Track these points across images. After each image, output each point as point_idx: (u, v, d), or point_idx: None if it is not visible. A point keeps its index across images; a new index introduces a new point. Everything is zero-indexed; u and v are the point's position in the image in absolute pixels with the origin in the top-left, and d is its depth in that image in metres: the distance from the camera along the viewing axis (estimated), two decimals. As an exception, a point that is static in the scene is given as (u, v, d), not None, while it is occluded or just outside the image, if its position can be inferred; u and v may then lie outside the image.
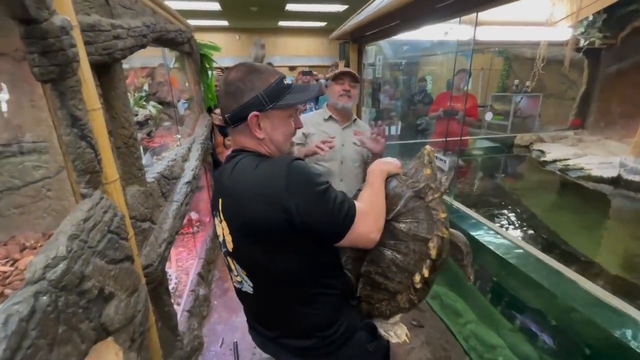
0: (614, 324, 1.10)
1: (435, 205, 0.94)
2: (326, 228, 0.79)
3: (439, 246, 0.91)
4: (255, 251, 0.85)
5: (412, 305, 1.00)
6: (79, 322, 0.78)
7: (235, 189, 0.83)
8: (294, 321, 0.94)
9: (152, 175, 1.55)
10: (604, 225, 2.31)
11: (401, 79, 5.00)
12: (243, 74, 0.83)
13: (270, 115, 0.85)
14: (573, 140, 3.62)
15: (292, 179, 0.76)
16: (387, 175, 0.99)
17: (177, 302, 2.15)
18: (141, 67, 2.97)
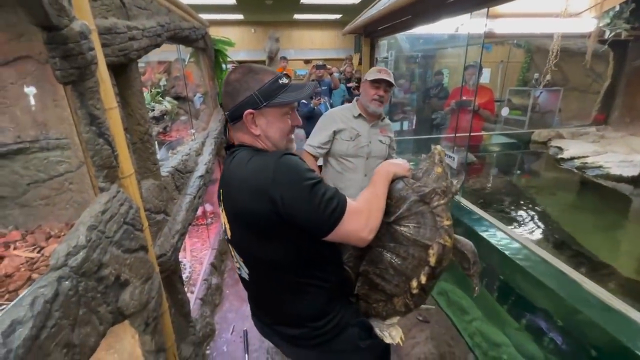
0: (618, 328, 1.09)
1: (440, 211, 0.91)
2: (311, 222, 0.81)
3: (440, 254, 0.89)
4: (248, 239, 0.91)
5: (408, 310, 1.00)
6: (97, 306, 0.85)
7: (231, 181, 0.89)
8: (285, 309, 0.99)
9: (167, 170, 1.62)
10: (621, 226, 2.24)
11: (417, 73, 4.91)
12: (240, 75, 0.89)
13: (265, 113, 0.89)
14: (595, 136, 3.49)
15: (279, 172, 0.79)
16: (393, 177, 0.98)
17: (191, 290, 2.25)
18: (158, 63, 3.05)
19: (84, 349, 0.78)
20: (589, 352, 1.29)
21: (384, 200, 0.93)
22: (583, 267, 1.78)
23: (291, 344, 1.05)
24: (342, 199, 0.83)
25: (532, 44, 6.43)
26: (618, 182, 2.50)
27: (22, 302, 0.65)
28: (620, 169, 2.53)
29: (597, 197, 2.69)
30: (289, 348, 1.08)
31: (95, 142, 0.94)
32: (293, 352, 1.09)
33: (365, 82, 1.73)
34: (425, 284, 0.92)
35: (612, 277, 1.69)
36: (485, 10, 1.76)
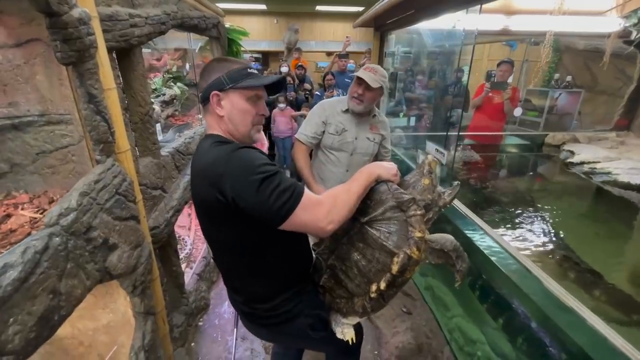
0: (586, 338, 1.10)
1: (414, 222, 0.89)
2: (260, 213, 0.82)
3: (404, 263, 0.87)
4: (204, 222, 0.98)
5: (365, 313, 0.99)
6: (85, 263, 0.96)
7: (193, 168, 0.96)
8: (241, 287, 1.06)
9: (167, 150, 1.74)
10: (622, 235, 2.17)
11: (427, 70, 4.82)
12: (215, 62, 0.98)
13: (230, 96, 0.93)
14: (613, 142, 3.34)
15: (230, 165, 0.82)
16: (378, 179, 0.98)
17: (191, 266, 2.39)
18: (174, 50, 3.19)
19: (70, 298, 0.89)
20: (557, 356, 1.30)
21: (356, 198, 0.91)
22: (571, 273, 1.77)
23: (245, 318, 1.13)
24: (297, 190, 0.84)
25: (561, 42, 6.14)
26: (625, 189, 2.40)
27: (15, 251, 0.77)
28: (629, 176, 2.43)
29: (600, 204, 2.60)
30: (244, 321, 1.17)
31: (92, 118, 1.05)
32: (248, 326, 1.17)
33: (354, 79, 1.70)
34: (384, 290, 0.90)
35: (598, 286, 1.67)
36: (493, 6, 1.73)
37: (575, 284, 1.71)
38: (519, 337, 1.53)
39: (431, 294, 2.09)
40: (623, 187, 2.44)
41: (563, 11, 1.35)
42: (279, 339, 1.20)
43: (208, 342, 1.96)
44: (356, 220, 1.00)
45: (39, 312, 0.78)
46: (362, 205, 0.97)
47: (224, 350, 1.90)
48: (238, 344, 1.93)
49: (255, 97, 0.96)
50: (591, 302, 1.60)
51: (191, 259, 2.49)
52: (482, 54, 7.50)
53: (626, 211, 2.38)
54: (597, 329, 1.03)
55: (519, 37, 5.42)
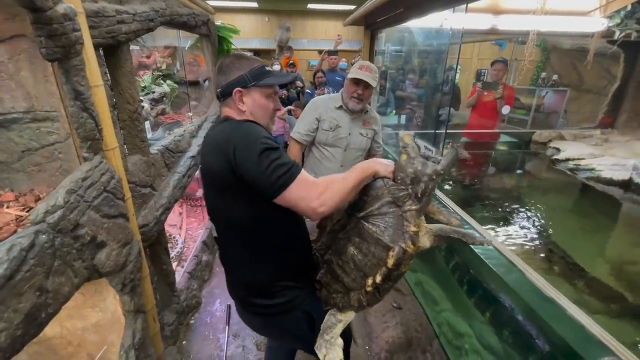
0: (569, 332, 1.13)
1: (409, 216, 0.91)
2: (257, 181, 0.85)
3: (399, 257, 0.88)
4: (211, 195, 1.01)
5: (361, 307, 1.00)
6: (72, 260, 0.96)
7: (205, 141, 1.02)
8: (240, 271, 1.06)
9: (157, 148, 1.73)
10: (605, 229, 2.23)
11: (416, 68, 4.85)
12: (234, 58, 1.03)
13: (252, 93, 1.00)
14: (598, 139, 3.42)
15: (236, 132, 0.90)
16: (375, 175, 1.00)
17: (182, 264, 2.38)
18: (164, 47, 3.15)
19: (57, 296, 0.89)
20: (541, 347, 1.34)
21: (351, 187, 0.93)
22: (556, 267, 1.81)
23: (240, 306, 1.13)
24: (295, 167, 0.88)
25: (549, 42, 6.25)
26: (608, 185, 2.47)
27: (0, 248, 0.76)
28: (611, 172, 2.50)
29: (585, 200, 2.67)
30: (239, 310, 1.17)
31: (79, 115, 1.04)
32: (242, 315, 1.17)
33: (348, 78, 1.74)
34: (380, 284, 0.92)
35: (581, 279, 1.71)
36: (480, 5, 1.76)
37: (560, 277, 1.75)
38: (505, 329, 1.57)
39: (421, 289, 2.12)
40: (606, 183, 2.51)
41: (545, 11, 1.38)
42: (270, 331, 1.19)
43: (199, 340, 1.96)
44: (353, 215, 1.02)
45: (26, 309, 0.77)
46: (359, 201, 1.00)
47: (215, 347, 1.90)
48: (230, 341, 1.94)
49: (273, 93, 1.04)
50: (575, 295, 1.65)
51: (182, 258, 2.48)
52: (472, 53, 7.60)
53: (609, 206, 2.45)
54: (578, 320, 1.07)
55: (507, 36, 5.50)
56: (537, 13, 1.35)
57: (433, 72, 4.23)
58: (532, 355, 1.37)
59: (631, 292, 1.61)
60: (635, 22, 3.07)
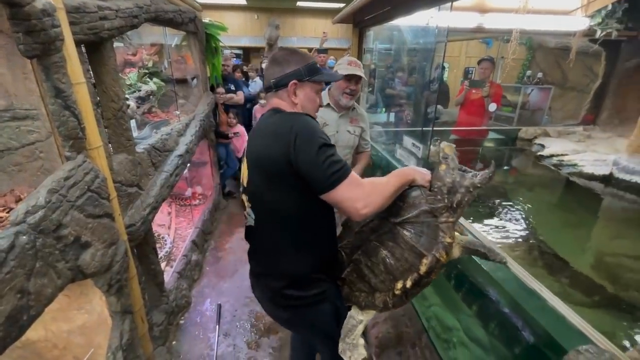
0: (551, 323, 1.16)
1: (445, 227, 0.94)
2: (312, 174, 0.88)
3: (432, 265, 0.91)
4: (260, 183, 1.00)
5: (386, 308, 1.03)
6: (55, 261, 0.94)
7: (260, 130, 1.04)
8: (277, 262, 1.06)
9: (143, 146, 1.70)
10: (587, 223, 2.29)
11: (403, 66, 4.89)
12: (289, 51, 1.07)
13: (305, 87, 1.04)
14: (581, 136, 3.51)
15: (298, 123, 0.92)
16: (412, 183, 1.01)
17: (171, 264, 2.36)
18: (151, 45, 3.10)
19: (40, 297, 0.87)
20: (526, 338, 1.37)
21: (393, 191, 0.95)
22: (540, 260, 1.86)
23: (270, 300, 1.12)
24: (347, 167, 0.91)
25: (534, 40, 6.37)
26: (590, 180, 2.54)
27: (-22, 249, 0.74)
28: (593, 168, 2.57)
29: (568, 194, 2.74)
30: (266, 304, 1.16)
31: (60, 114, 1.02)
32: (269, 309, 1.17)
33: (341, 76, 1.74)
34: (409, 289, 0.95)
35: (564, 271, 1.76)
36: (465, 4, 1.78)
37: (544, 270, 1.80)
38: (492, 322, 1.60)
39: (410, 285, 2.15)
40: (588, 178, 2.58)
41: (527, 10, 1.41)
42: (300, 323, 1.17)
43: (189, 339, 1.94)
44: (387, 220, 1.04)
45: (6, 311, 0.76)
46: (394, 207, 1.02)
47: (205, 347, 1.89)
48: (220, 340, 1.93)
49: (320, 90, 1.10)
50: (558, 287, 1.70)
51: (171, 258, 2.46)
52: (460, 51, 7.68)
53: (591, 200, 2.52)
54: (559, 311, 1.10)
55: (494, 34, 5.58)
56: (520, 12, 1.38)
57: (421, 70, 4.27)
58: (517, 346, 1.40)
59: (611, 283, 1.66)
60: (615, 21, 3.16)
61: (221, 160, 3.69)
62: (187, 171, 2.81)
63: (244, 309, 2.19)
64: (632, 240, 2.14)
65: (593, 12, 3.08)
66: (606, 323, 1.43)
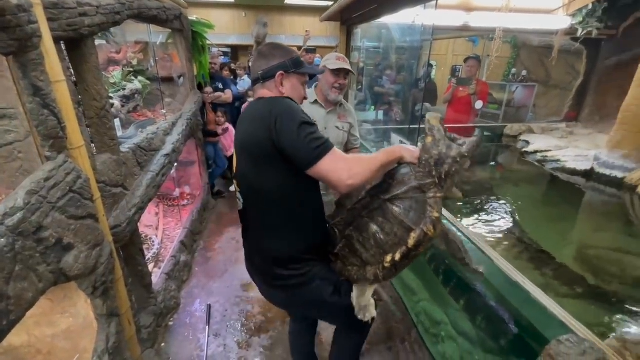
0: (534, 314, 1.20)
1: (433, 203, 0.96)
2: (296, 150, 0.92)
3: (420, 239, 0.94)
4: (247, 167, 1.05)
5: (377, 280, 1.06)
6: (36, 264, 0.91)
7: (245, 116, 1.09)
8: (268, 244, 1.10)
9: (128, 146, 1.67)
10: (569, 217, 2.36)
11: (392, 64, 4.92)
12: (273, 46, 1.14)
13: (291, 78, 1.10)
14: (564, 132, 3.61)
15: (278, 105, 0.98)
16: (401, 160, 1.04)
17: (159, 266, 2.33)
18: (135, 42, 3.04)
19: (20, 302, 0.85)
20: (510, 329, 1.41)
21: (378, 165, 0.98)
22: (525, 254, 1.90)
23: (263, 281, 1.17)
24: (329, 142, 0.95)
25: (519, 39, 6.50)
26: (572, 175, 2.62)
27: (-47, 253, 0.72)
28: (575, 163, 2.65)
29: (552, 189, 2.81)
30: (262, 285, 1.21)
31: (39, 112, 0.99)
32: (268, 292, 1.21)
33: (325, 70, 1.72)
34: (398, 261, 0.98)
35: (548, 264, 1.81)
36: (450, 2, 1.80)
37: (528, 263, 1.85)
38: (479, 316, 1.64)
39: (400, 281, 2.17)
40: (570, 173, 2.65)
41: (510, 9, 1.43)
42: (295, 303, 1.22)
43: (179, 341, 1.92)
44: (377, 197, 1.08)
45: (-16, 317, 0.73)
46: (384, 183, 1.07)
47: (195, 348, 1.88)
48: (210, 341, 1.92)
49: (305, 83, 1.16)
50: (542, 279, 1.75)
51: (159, 259, 2.42)
52: (447, 49, 7.77)
53: (573, 195, 2.59)
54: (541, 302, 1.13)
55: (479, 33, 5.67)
56: (503, 10, 1.40)
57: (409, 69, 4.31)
58: (502, 338, 1.44)
59: (592, 275, 1.71)
60: (596, 20, 3.25)
61: (210, 160, 3.65)
62: (175, 171, 2.77)
63: (234, 309, 2.17)
64: (612, 233, 2.22)
65: (574, 11, 3.16)
66: (587, 313, 1.48)
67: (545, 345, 0.82)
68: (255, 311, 2.15)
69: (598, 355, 0.74)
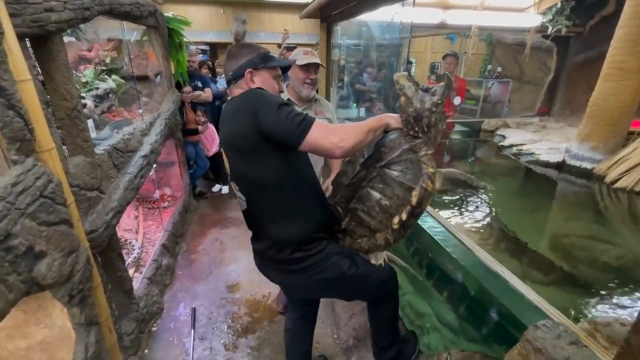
0: (511, 301, 1.24)
1: (426, 160, 1.02)
2: (282, 131, 0.95)
3: (421, 196, 1.00)
4: (240, 162, 1.07)
5: (388, 244, 1.12)
6: (5, 274, 0.87)
7: (224, 116, 1.11)
8: (277, 232, 1.11)
9: (103, 147, 1.61)
10: (544, 207, 2.47)
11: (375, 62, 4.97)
12: (240, 45, 1.19)
13: (261, 74, 1.12)
14: (537, 126, 3.75)
15: (255, 96, 1.01)
16: (387, 128, 1.09)
17: (140, 270, 2.26)
18: (108, 39, 2.92)
19: (-11, 314, 0.81)
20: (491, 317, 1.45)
21: (366, 131, 1.01)
22: (502, 244, 1.97)
23: (281, 271, 1.18)
24: (310, 118, 0.98)
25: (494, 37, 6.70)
26: (546, 167, 2.73)
27: None
28: (548, 156, 2.77)
29: (527, 181, 2.93)
30: (280, 276, 1.21)
31: (4, 114, 0.93)
32: (284, 280, 1.22)
33: (294, 67, 1.67)
34: (406, 221, 1.03)
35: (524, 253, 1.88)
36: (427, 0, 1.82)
37: (506, 253, 1.92)
38: (461, 306, 1.69)
39: (385, 275, 2.20)
40: (544, 166, 2.76)
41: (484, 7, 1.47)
42: (318, 284, 1.20)
43: (163, 346, 1.88)
44: (372, 166, 1.13)
45: (-52, 332, 0.69)
46: (377, 153, 1.12)
47: (181, 352, 1.84)
48: (196, 344, 1.88)
49: (278, 76, 1.17)
50: (519, 268, 1.82)
51: (140, 263, 2.35)
52: (426, 47, 7.91)
53: (547, 186, 2.71)
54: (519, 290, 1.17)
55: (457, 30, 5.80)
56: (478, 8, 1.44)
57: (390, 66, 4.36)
58: (483, 326, 1.49)
59: (566, 262, 1.80)
60: (564, 18, 3.39)
61: (190, 160, 3.57)
62: (154, 172, 2.69)
63: (219, 311, 2.14)
64: (583, 222, 2.33)
65: (545, 10, 3.29)
66: (562, 299, 1.55)
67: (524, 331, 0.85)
68: (242, 312, 2.13)
69: (572, 338, 0.77)
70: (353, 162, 1.23)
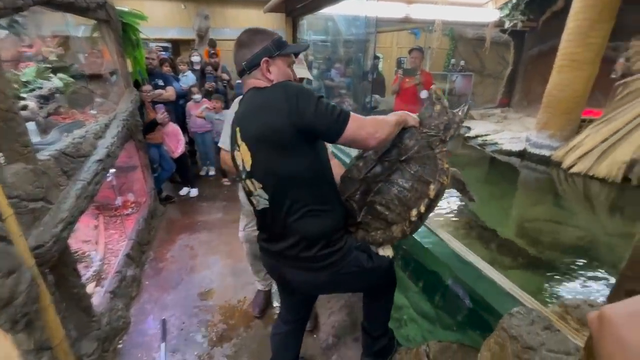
0: (484, 288, 1.27)
1: (441, 156, 1.11)
2: (322, 124, 0.95)
3: (438, 189, 1.07)
4: (268, 157, 1.01)
5: (404, 236, 1.16)
6: None
7: (250, 110, 1.04)
8: (299, 230, 1.07)
9: (48, 153, 1.46)
10: (509, 194, 2.58)
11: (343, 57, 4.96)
12: (252, 31, 1.07)
13: (277, 62, 1.06)
14: (499, 117, 3.92)
15: (291, 90, 0.96)
16: (405, 125, 1.13)
17: (102, 284, 2.10)
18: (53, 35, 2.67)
19: None
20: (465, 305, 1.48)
21: (393, 124, 1.05)
22: (473, 232, 2.03)
23: (304, 269, 1.13)
24: (346, 109, 0.98)
25: (456, 32, 6.93)
26: (509, 156, 2.86)
27: None
28: (510, 145, 2.90)
29: (493, 170, 3.05)
30: (301, 275, 1.16)
31: None
32: (306, 278, 1.17)
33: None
34: (424, 213, 1.10)
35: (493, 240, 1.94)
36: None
37: (476, 240, 1.97)
38: (436, 295, 1.71)
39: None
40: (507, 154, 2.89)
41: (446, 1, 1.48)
42: (339, 280, 1.19)
43: (131, 364, 1.75)
44: (390, 162, 1.17)
45: None
46: (394, 149, 1.16)
47: (151, 369, 1.72)
48: (168, 358, 1.77)
49: (292, 63, 1.12)
50: (489, 255, 1.87)
51: (102, 277, 2.18)
52: (392, 42, 8.05)
53: (511, 174, 2.83)
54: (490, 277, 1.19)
55: (420, 25, 5.93)
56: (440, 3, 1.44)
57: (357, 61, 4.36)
58: (459, 314, 1.51)
59: (532, 246, 1.88)
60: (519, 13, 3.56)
61: (154, 163, 3.37)
62: (114, 178, 2.50)
63: (192, 320, 2.04)
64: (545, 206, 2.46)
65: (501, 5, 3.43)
66: (531, 283, 1.61)
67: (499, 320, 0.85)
68: (216, 319, 2.04)
69: (544, 323, 0.78)
70: (364, 157, 1.25)
